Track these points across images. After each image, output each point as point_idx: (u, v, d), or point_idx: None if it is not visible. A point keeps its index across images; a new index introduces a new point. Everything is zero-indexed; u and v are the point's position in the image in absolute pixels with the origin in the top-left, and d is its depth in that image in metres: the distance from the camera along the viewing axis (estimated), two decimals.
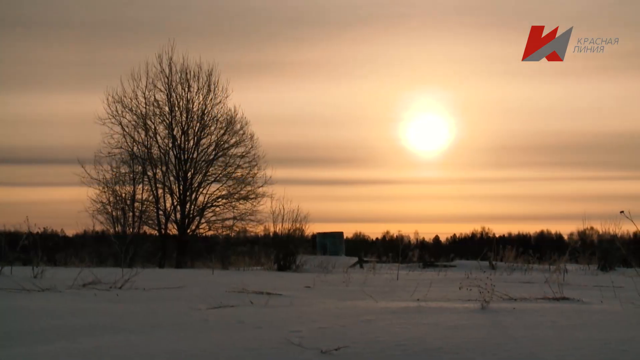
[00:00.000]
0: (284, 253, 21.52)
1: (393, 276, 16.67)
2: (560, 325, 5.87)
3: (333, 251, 31.85)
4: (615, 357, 4.51)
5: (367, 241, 60.44)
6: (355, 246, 42.92)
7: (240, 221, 27.95)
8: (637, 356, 4.54)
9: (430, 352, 4.70)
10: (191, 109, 27.65)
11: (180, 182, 27.57)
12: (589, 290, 11.75)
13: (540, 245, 36.66)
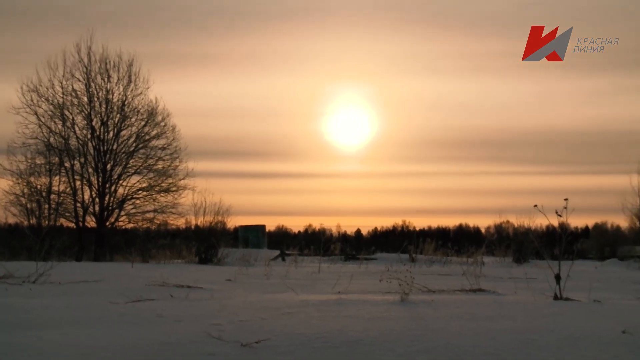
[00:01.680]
0: (205, 246, 21.31)
1: (315, 269, 16.76)
2: (476, 317, 6.02)
3: (255, 244, 31.75)
4: (527, 346, 4.66)
5: (289, 234, 60.62)
6: (277, 239, 42.90)
7: (161, 214, 27.48)
8: (546, 345, 4.70)
9: (349, 344, 4.74)
10: (111, 100, 26.93)
11: (99, 174, 26.85)
12: (504, 282, 12.12)
13: (459, 239, 37.56)
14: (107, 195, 26.95)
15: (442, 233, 58.46)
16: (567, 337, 4.96)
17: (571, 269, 8.21)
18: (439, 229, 70.13)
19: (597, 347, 4.66)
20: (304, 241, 26.17)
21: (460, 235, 53.85)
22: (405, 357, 4.40)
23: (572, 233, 44.14)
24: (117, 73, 27.03)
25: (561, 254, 8.29)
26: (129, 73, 27.15)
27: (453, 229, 71.33)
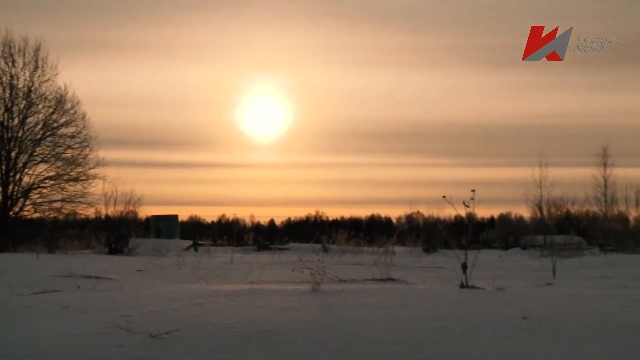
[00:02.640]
0: (115, 236, 20.83)
1: (227, 259, 16.68)
2: (386, 305, 6.14)
3: (167, 234, 31.30)
4: (434, 334, 4.80)
5: (202, 224, 59.94)
6: (190, 229, 42.41)
7: (70, 203, 26.63)
8: (452, 332, 4.86)
9: (260, 333, 4.75)
10: (16, 85, 25.85)
11: (3, 162, 25.75)
12: (414, 271, 12.43)
13: (370, 229, 38.12)
14: (11, 184, 25.88)
15: (354, 223, 59.23)
16: (472, 324, 5.13)
17: (477, 258, 8.48)
18: (352, 219, 71.05)
19: (500, 333, 4.84)
20: (217, 231, 25.88)
21: (372, 226, 54.67)
22: (317, 346, 4.44)
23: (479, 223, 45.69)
24: (23, 58, 25.99)
25: (468, 243, 8.55)
26: (36, 58, 26.14)
27: (365, 219, 72.40)
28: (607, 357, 4.23)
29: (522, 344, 4.55)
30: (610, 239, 24.03)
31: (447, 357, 4.23)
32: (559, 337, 4.75)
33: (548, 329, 5.01)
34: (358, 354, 4.26)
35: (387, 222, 64.08)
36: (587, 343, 4.58)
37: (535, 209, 40.05)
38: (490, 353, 4.31)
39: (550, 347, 4.46)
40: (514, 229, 45.14)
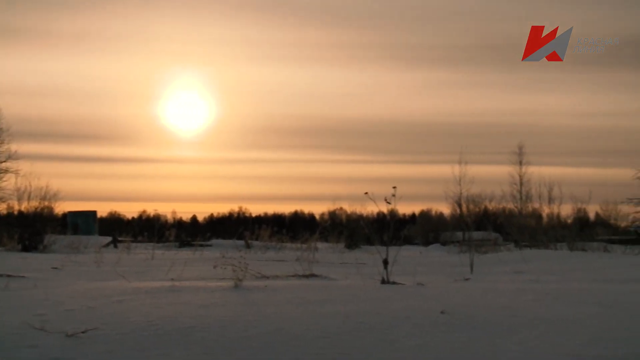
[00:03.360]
0: (29, 232, 20.13)
1: (148, 256, 16.38)
2: (308, 301, 6.17)
3: (85, 231, 30.48)
4: (355, 329, 4.85)
5: (122, 220, 58.62)
6: (109, 226, 41.46)
7: None
8: (373, 327, 4.92)
9: (181, 330, 4.69)
10: None
11: None
12: (336, 267, 12.53)
13: (294, 225, 38.21)
14: None
15: (277, 220, 59.15)
16: (392, 319, 5.21)
17: (398, 254, 8.64)
18: (275, 215, 70.85)
19: (419, 327, 4.94)
20: (138, 228, 25.36)
21: (296, 222, 54.75)
22: (239, 342, 4.42)
23: (400, 220, 46.40)
24: None
25: (389, 240, 8.69)
26: None
27: (289, 215, 72.38)
28: (520, 349, 4.38)
29: (440, 337, 4.65)
30: (524, 235, 24.85)
31: (367, 351, 4.27)
32: (475, 331, 4.88)
33: (465, 322, 5.15)
34: (279, 350, 4.26)
35: (311, 218, 64.38)
36: (502, 336, 4.72)
37: (455, 205, 41.07)
38: (409, 346, 4.38)
39: (467, 340, 4.57)
40: (435, 226, 46.12)
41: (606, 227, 33.68)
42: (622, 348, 4.42)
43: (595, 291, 7.33)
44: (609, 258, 15.04)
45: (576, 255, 15.95)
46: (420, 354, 4.22)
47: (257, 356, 4.15)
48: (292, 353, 4.20)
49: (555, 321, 5.30)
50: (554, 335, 4.77)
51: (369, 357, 4.16)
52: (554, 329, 5.00)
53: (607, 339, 4.68)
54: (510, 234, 26.97)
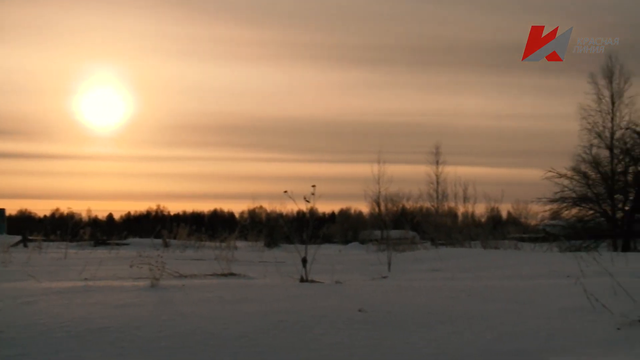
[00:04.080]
0: None
1: (61, 255, 15.88)
2: (226, 300, 6.12)
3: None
4: (273, 328, 4.84)
5: (33, 219, 56.69)
6: (19, 224, 40.01)
7: None
8: (291, 325, 4.92)
9: (94, 331, 4.56)
10: None
11: None
12: (255, 266, 12.48)
13: (213, 223, 37.84)
14: None
15: (196, 218, 58.41)
16: (310, 317, 5.23)
17: (317, 253, 8.68)
18: (194, 213, 70.00)
19: (337, 325, 4.97)
20: (50, 226, 24.54)
21: (215, 220, 54.25)
22: (154, 342, 4.34)
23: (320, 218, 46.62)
24: None
25: (308, 238, 8.72)
26: None
27: (208, 213, 71.64)
28: (435, 345, 4.48)
29: (357, 335, 4.70)
30: (440, 234, 25.44)
31: (285, 350, 4.28)
32: (392, 328, 4.96)
33: (382, 320, 5.22)
34: (196, 350, 4.21)
35: (230, 216, 63.98)
36: (418, 333, 4.82)
37: (374, 204, 41.76)
38: (326, 344, 4.41)
39: (384, 338, 4.64)
40: (353, 224, 46.68)
41: (517, 225, 34.93)
42: (530, 342, 4.59)
43: (506, 288, 7.57)
44: (519, 255, 15.56)
45: (489, 253, 16.42)
46: (337, 352, 4.25)
47: (173, 356, 4.09)
48: (209, 352, 4.16)
49: (469, 318, 5.43)
50: (467, 332, 4.90)
51: (286, 355, 4.17)
52: (467, 325, 5.13)
53: (516, 333, 4.84)
54: (427, 232, 27.55)
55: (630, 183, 25.17)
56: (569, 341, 4.64)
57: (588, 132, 26.56)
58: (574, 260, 9.98)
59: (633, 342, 4.61)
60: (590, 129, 26.57)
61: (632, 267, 9.25)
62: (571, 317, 5.48)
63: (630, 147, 25.31)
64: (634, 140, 25.29)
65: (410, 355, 4.23)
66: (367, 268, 13.16)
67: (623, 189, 25.32)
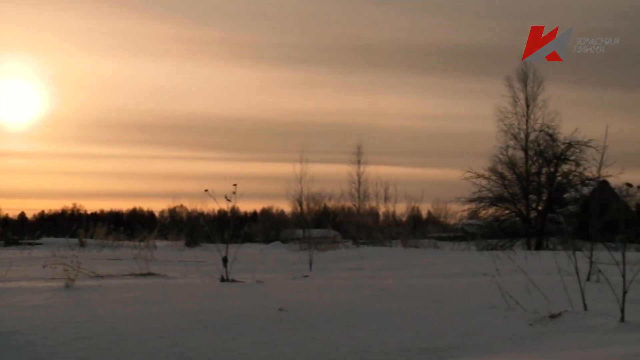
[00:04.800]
0: None
1: None
2: (144, 300, 5.99)
3: None
4: (192, 328, 4.77)
5: None
6: None
7: None
8: (211, 325, 4.87)
9: (5, 335, 4.38)
10: None
11: None
12: (175, 265, 12.27)
13: (132, 223, 37.03)
14: None
15: (114, 217, 57.06)
16: (231, 317, 5.18)
17: (238, 252, 8.60)
18: (112, 212, 68.32)
19: (257, 324, 4.95)
20: None
21: (134, 219, 53.11)
22: (69, 345, 4.20)
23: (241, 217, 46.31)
24: None
25: (229, 237, 8.64)
26: None
27: (126, 212, 70.06)
28: (355, 343, 4.51)
29: (278, 334, 4.68)
30: (362, 233, 25.70)
31: (204, 350, 4.22)
32: (313, 327, 4.96)
33: (303, 319, 5.22)
34: (112, 351, 4.10)
35: (150, 215, 62.69)
36: (338, 331, 4.84)
37: (296, 203, 41.81)
38: (246, 344, 4.38)
39: (304, 337, 4.64)
40: (275, 223, 46.57)
41: (437, 224, 35.68)
42: (448, 339, 4.69)
43: (425, 286, 7.70)
44: (438, 254, 15.89)
45: (409, 252, 16.69)
46: (257, 352, 4.23)
47: (89, 359, 3.96)
48: (125, 354, 4.06)
49: (389, 316, 5.51)
50: (387, 330, 4.95)
51: (204, 356, 4.11)
52: (387, 323, 5.19)
53: (435, 331, 4.94)
54: (349, 231, 27.80)
55: (543, 183, 26.13)
56: (485, 338, 4.76)
57: (504, 134, 27.46)
58: (490, 259, 10.27)
59: (544, 337, 4.78)
60: (506, 131, 27.47)
61: (545, 265, 9.57)
62: (487, 314, 5.64)
63: (543, 148, 26.28)
64: (547, 142, 26.27)
65: (330, 354, 4.25)
66: (288, 267, 13.16)
67: (537, 189, 26.27)
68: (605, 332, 4.73)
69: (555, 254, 10.71)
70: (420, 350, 4.38)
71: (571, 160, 25.45)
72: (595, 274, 6.87)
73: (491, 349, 4.45)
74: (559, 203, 25.98)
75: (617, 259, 5.31)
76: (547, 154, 26.03)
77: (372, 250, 18.10)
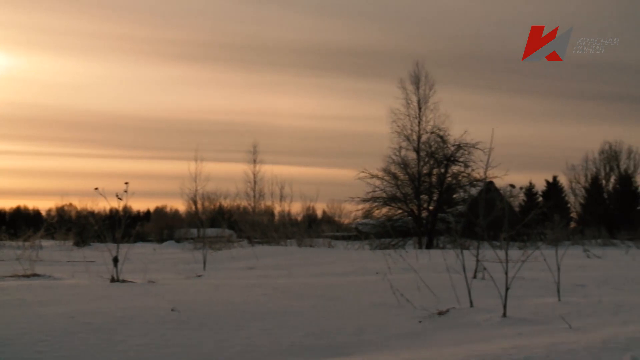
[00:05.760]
0: None
1: None
2: (28, 302, 5.75)
3: None
4: (80, 330, 4.60)
5: None
6: None
7: None
8: (99, 327, 4.72)
9: None
10: None
11: None
12: (62, 266, 11.84)
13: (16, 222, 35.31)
14: None
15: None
16: (120, 318, 5.04)
17: (130, 252, 8.39)
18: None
19: (148, 325, 4.84)
20: None
21: (18, 218, 50.68)
22: None
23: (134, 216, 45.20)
24: None
25: (121, 236, 8.40)
26: None
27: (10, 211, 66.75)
28: (246, 342, 4.49)
29: (169, 335, 4.60)
30: (257, 232, 25.62)
31: (90, 353, 4.08)
32: (205, 327, 4.90)
33: (195, 319, 5.14)
34: None
35: (36, 214, 60.03)
36: (230, 331, 4.81)
37: (191, 202, 41.20)
38: (135, 346, 4.27)
39: (196, 337, 4.58)
40: (169, 222, 45.72)
41: (332, 224, 36.09)
42: (340, 337, 4.75)
43: (319, 285, 7.77)
44: (332, 253, 16.06)
45: (304, 251, 16.79)
46: (145, 354, 4.13)
47: None
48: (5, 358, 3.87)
49: (282, 315, 5.52)
50: (279, 328, 4.96)
51: (92, 358, 3.97)
52: (280, 322, 5.20)
53: (327, 329, 4.99)
54: (244, 230, 27.65)
55: (434, 184, 26.94)
56: (376, 335, 4.85)
57: (397, 135, 28.12)
58: (383, 258, 10.48)
59: (432, 332, 4.93)
60: (399, 132, 28.14)
61: (434, 263, 9.87)
62: (378, 312, 5.75)
63: (434, 150, 27.10)
64: (438, 144, 27.12)
65: (221, 354, 4.21)
66: (182, 267, 12.96)
67: (428, 189, 27.06)
68: (488, 327, 4.93)
69: (444, 253, 11.09)
70: (312, 348, 4.41)
71: (460, 161, 26.40)
72: (481, 272, 7.13)
73: (382, 345, 4.54)
74: (448, 203, 26.86)
75: (501, 257, 5.56)
76: (438, 155, 26.86)
77: (267, 249, 18.10)
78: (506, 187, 26.18)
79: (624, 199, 41.69)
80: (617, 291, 6.96)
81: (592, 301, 5.90)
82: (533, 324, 4.96)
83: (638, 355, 3.47)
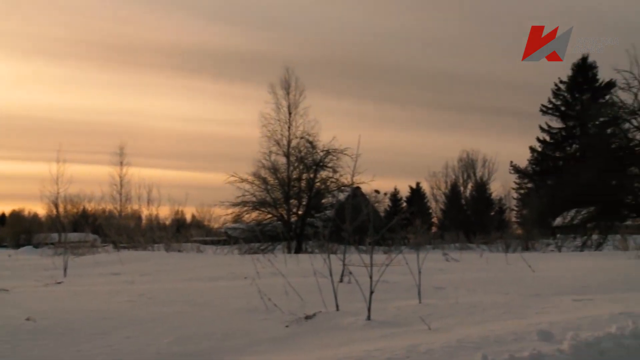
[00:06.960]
0: None
1: None
2: None
3: None
4: None
5: None
6: None
7: None
8: None
9: None
10: None
11: None
12: None
13: None
14: None
15: None
16: None
17: None
18: None
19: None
20: None
21: None
22: None
23: None
24: None
25: None
26: None
27: None
28: (108, 351, 4.33)
29: (23, 346, 4.36)
30: (123, 236, 24.88)
31: None
32: (64, 336, 4.69)
33: (53, 328, 4.91)
34: None
35: None
36: (91, 339, 4.62)
37: (51, 205, 39.34)
38: None
39: (53, 347, 4.37)
40: (27, 226, 43.43)
41: (201, 228, 35.70)
42: (206, 343, 4.68)
43: (186, 290, 7.64)
44: (201, 258, 15.87)
45: (172, 256, 16.48)
46: None
47: None
48: None
49: (147, 321, 5.37)
50: (144, 336, 4.82)
51: None
52: (145, 329, 5.06)
53: (193, 335, 4.90)
54: (109, 235, 26.75)
55: (303, 189, 27.26)
56: (243, 340, 4.82)
57: (268, 140, 28.24)
58: (251, 263, 10.46)
59: (298, 337, 4.96)
60: (270, 137, 28.28)
61: (302, 268, 9.96)
62: (246, 317, 5.72)
63: (304, 155, 27.44)
64: (307, 149, 27.48)
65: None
66: (40, 273, 12.32)
67: (297, 194, 27.33)
68: (353, 330, 5.03)
69: (312, 257, 11.23)
70: (178, 355, 4.32)
71: (329, 167, 26.88)
72: (347, 276, 7.27)
73: (249, 350, 4.52)
74: (317, 208, 27.26)
75: (367, 261, 5.69)
76: (308, 160, 27.21)
77: (133, 254, 17.62)
78: (372, 193, 26.94)
79: (480, 204, 44.17)
80: (472, 293, 7.31)
81: (449, 303, 6.16)
82: (395, 326, 5.11)
83: (488, 353, 3.68)
